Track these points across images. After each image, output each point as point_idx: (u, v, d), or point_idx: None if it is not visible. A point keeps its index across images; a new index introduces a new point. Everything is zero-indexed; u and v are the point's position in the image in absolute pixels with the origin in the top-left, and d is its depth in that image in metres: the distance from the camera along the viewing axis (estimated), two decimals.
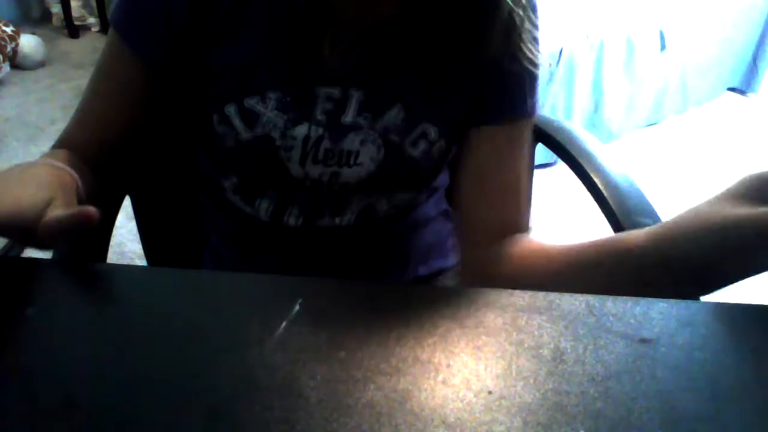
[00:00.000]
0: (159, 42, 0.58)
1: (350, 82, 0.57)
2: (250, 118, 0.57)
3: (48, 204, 0.45)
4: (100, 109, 0.61)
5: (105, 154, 0.61)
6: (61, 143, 0.61)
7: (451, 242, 0.73)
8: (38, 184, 0.48)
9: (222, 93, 0.58)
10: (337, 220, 0.64)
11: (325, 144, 0.58)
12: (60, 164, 0.52)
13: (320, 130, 0.58)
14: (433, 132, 0.59)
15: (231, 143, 0.59)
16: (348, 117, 0.58)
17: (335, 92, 0.57)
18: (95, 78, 0.61)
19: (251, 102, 0.57)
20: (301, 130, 0.57)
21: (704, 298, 0.48)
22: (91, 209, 0.44)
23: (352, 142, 0.58)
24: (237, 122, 0.58)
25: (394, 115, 0.58)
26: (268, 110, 0.57)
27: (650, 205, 0.68)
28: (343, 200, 0.63)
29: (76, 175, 0.53)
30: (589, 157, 0.74)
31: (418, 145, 0.59)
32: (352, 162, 0.59)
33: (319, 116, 0.57)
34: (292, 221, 0.64)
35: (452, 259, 0.72)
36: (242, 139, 0.58)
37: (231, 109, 0.57)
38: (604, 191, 0.68)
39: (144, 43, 0.58)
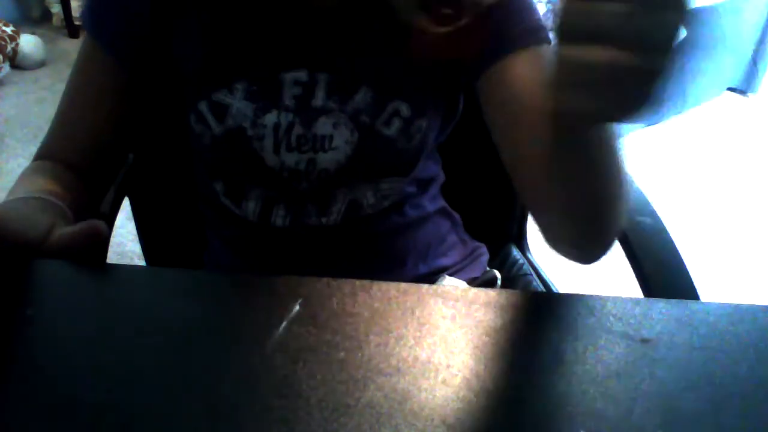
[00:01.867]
0: (126, 36, 0.58)
1: (316, 66, 0.57)
2: (220, 111, 0.57)
3: (51, 227, 0.47)
4: (80, 112, 0.62)
5: (89, 158, 0.62)
6: (44, 152, 0.62)
7: (451, 241, 0.73)
8: (39, 210, 0.51)
9: (193, 89, 0.59)
10: (323, 220, 0.63)
11: (297, 130, 0.58)
12: (49, 197, 0.53)
13: (290, 116, 0.58)
14: (405, 108, 0.59)
15: (207, 140, 0.59)
16: (318, 101, 0.58)
17: (302, 76, 0.57)
18: (72, 81, 0.62)
19: (219, 95, 0.57)
20: (270, 118, 0.57)
21: (704, 299, 0.48)
22: (100, 223, 0.45)
23: (324, 125, 0.58)
24: (210, 118, 0.58)
25: (362, 97, 0.58)
26: (236, 101, 0.57)
27: (650, 205, 0.68)
28: (327, 195, 0.62)
29: (66, 208, 0.54)
30: None
31: (391, 124, 0.59)
32: (327, 146, 0.59)
33: (288, 102, 0.58)
34: (279, 221, 0.64)
35: (452, 258, 0.72)
36: (216, 134, 0.58)
37: (203, 106, 0.58)
38: None
39: (111, 38, 0.59)
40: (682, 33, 0.32)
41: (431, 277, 0.70)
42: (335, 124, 0.58)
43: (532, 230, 0.95)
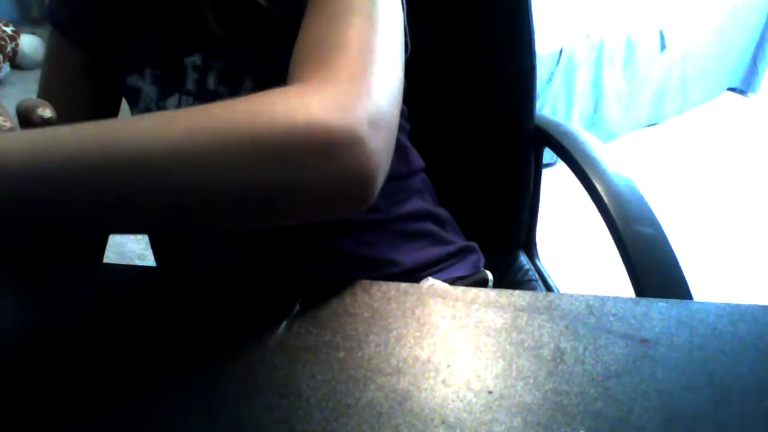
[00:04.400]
0: (79, 22, 0.60)
1: (211, 53, 0.59)
2: (134, 95, 0.60)
3: None
4: (53, 96, 0.63)
5: None
6: None
7: (429, 241, 0.72)
8: None
9: (116, 73, 0.61)
10: None
11: None
12: None
13: (190, 100, 0.60)
14: None
15: None
16: (210, 86, 0.59)
17: (197, 60, 0.59)
18: (43, 71, 0.63)
19: (132, 79, 0.60)
20: (172, 102, 0.60)
21: (704, 299, 0.48)
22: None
23: None
24: (130, 100, 0.61)
25: (246, 87, 0.59)
26: (145, 85, 0.60)
27: (652, 214, 0.67)
28: None
29: None
30: (592, 162, 0.74)
31: None
32: None
33: (190, 86, 0.59)
34: None
35: (427, 256, 0.71)
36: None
37: (125, 89, 0.61)
38: (605, 198, 0.68)
39: (68, 24, 0.61)
40: None
41: (418, 272, 0.69)
42: None
43: (541, 237, 0.95)
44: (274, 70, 0.58)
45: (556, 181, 1.78)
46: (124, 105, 0.66)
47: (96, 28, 0.61)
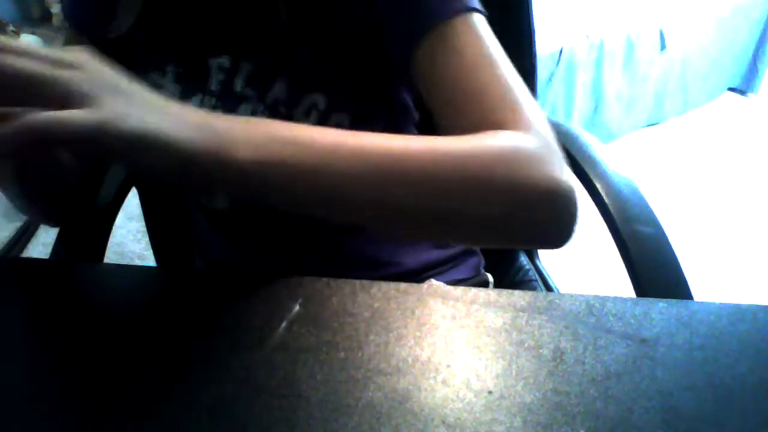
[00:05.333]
0: (95, 20, 0.60)
1: (239, 54, 0.58)
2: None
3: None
4: None
5: None
6: None
7: (428, 243, 0.72)
8: None
9: (134, 70, 0.61)
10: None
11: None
12: None
13: (213, 101, 0.59)
14: (321, 101, 0.57)
15: None
16: (237, 87, 0.58)
17: (225, 62, 0.58)
18: None
19: (153, 77, 0.59)
20: (194, 101, 0.59)
21: (704, 299, 0.48)
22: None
23: (244, 112, 0.59)
24: None
25: (278, 89, 0.58)
26: (167, 83, 0.59)
27: (652, 213, 0.67)
28: None
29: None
30: (593, 162, 0.74)
31: (310, 116, 0.58)
32: None
33: (214, 87, 0.59)
34: (220, 204, 0.64)
35: (429, 258, 0.70)
36: None
37: None
38: (605, 198, 0.68)
39: (84, 21, 0.60)
40: None
41: (422, 273, 0.69)
42: (253, 112, 0.58)
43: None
44: (309, 73, 0.57)
45: None
46: None
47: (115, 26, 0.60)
